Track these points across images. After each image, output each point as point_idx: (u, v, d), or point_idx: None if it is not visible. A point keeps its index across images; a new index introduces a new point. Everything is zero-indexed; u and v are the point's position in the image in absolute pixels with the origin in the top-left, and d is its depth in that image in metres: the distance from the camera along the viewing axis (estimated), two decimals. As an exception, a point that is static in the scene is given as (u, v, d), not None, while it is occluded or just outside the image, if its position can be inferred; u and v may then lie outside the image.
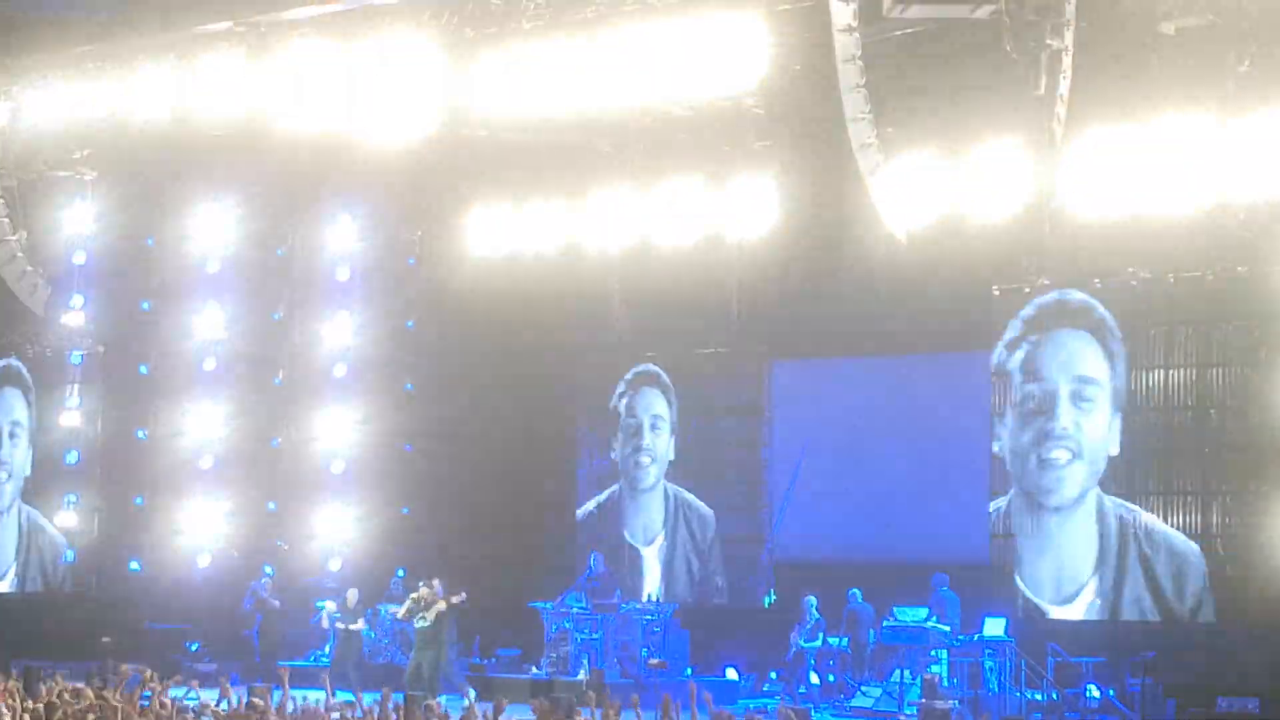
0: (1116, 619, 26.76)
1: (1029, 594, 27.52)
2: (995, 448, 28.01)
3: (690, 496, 32.11)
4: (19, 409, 35.23)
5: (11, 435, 35.21)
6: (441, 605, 27.47)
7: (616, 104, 27.79)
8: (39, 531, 34.89)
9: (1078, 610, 27.17)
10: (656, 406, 32.55)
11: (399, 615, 28.84)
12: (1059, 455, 27.40)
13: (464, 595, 27.59)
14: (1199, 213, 24.86)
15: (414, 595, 27.81)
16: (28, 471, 35.05)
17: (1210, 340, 26.65)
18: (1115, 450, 27.09)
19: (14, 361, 35.45)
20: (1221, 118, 24.24)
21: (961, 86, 26.18)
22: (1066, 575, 27.40)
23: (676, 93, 27.45)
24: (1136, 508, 26.91)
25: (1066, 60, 23.66)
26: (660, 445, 32.50)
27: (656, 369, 32.44)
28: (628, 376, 32.74)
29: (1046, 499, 27.59)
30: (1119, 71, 24.62)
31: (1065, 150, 25.08)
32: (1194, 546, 26.44)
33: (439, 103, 28.35)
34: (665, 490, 32.36)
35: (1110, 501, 27.08)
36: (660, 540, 32.31)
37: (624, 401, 32.83)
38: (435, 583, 27.55)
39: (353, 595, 29.35)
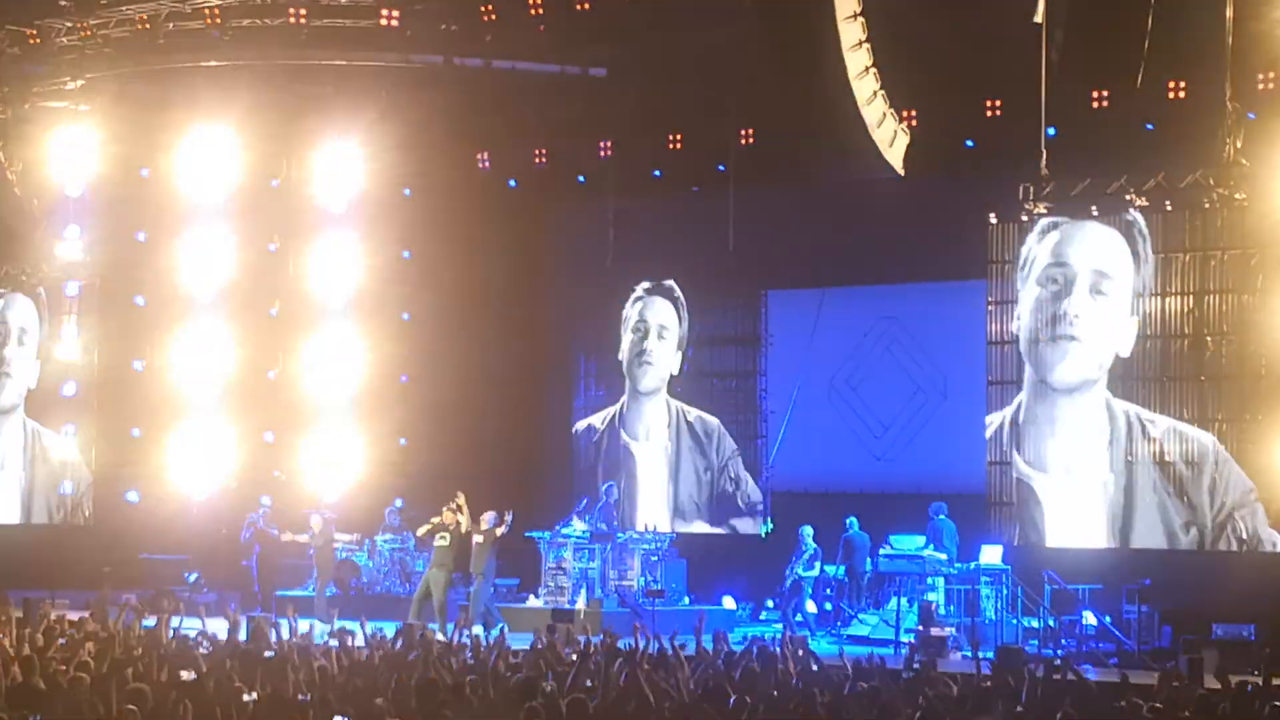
0: (1131, 499, 26.77)
1: (1028, 469, 27.51)
2: (1014, 326, 27.83)
3: (693, 409, 32.16)
4: (28, 315, 34.98)
5: (20, 341, 35.01)
6: (485, 533, 27.38)
7: (610, 37, 27.71)
8: (38, 438, 34.79)
9: (1094, 487, 26.92)
10: (664, 316, 32.45)
11: (418, 534, 28.87)
12: (1068, 334, 27.28)
13: (510, 520, 27.55)
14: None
15: (436, 518, 27.70)
16: (33, 384, 34.89)
17: (1208, 268, 26.53)
18: (1126, 352, 26.88)
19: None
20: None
21: (959, 15, 26.11)
22: (1078, 451, 27.28)
23: (672, 23, 27.36)
24: (1140, 407, 26.84)
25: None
26: (664, 353, 32.44)
27: (672, 283, 32.35)
28: (646, 284, 32.62)
29: (1050, 375, 27.36)
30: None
31: (1062, 79, 25.04)
32: (1209, 434, 26.28)
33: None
34: (668, 404, 32.37)
35: (1118, 401, 27.09)
36: (666, 443, 32.39)
37: (636, 308, 32.78)
38: (488, 515, 27.48)
39: (316, 521, 29.26)
